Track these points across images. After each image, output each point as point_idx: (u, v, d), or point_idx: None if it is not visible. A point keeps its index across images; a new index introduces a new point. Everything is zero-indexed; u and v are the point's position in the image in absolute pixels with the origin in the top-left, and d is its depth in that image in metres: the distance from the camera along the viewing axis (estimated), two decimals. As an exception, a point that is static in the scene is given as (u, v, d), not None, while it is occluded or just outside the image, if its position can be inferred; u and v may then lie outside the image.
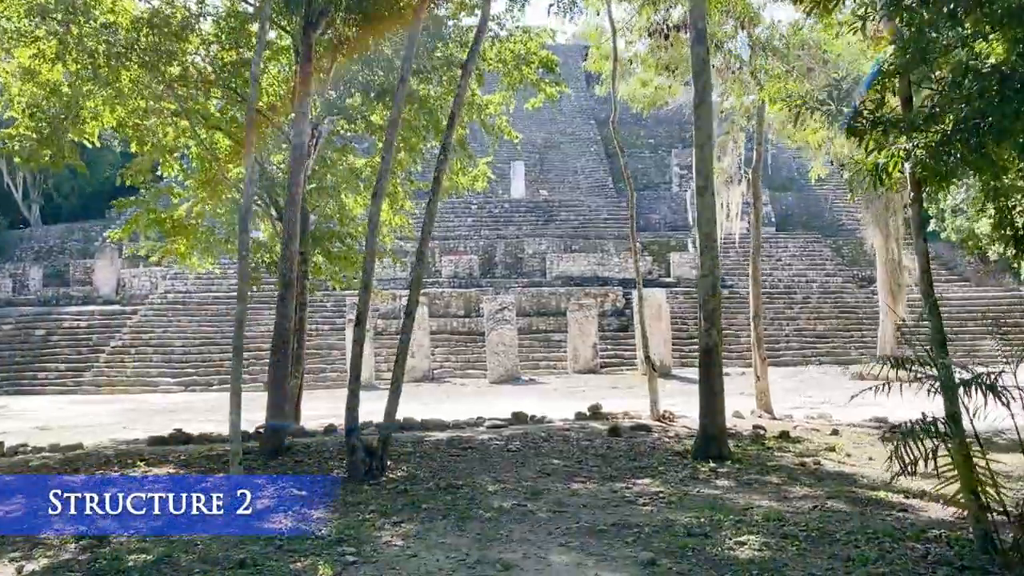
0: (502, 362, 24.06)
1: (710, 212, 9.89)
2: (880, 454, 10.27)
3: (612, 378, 23.71)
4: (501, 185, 43.24)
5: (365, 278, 9.70)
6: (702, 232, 9.90)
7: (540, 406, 16.68)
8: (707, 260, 9.74)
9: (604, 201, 40.74)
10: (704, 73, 10.03)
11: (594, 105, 52.45)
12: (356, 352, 9.18)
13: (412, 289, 9.52)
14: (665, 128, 49.70)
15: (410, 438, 10.97)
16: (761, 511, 6.96)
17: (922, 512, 7.04)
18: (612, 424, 11.49)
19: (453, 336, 28.54)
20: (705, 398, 9.55)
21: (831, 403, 18.37)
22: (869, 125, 5.34)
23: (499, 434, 11.13)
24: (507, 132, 15.76)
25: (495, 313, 24.51)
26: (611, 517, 6.85)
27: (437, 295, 29.77)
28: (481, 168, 16.17)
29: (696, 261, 32.23)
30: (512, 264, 34.98)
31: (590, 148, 47.00)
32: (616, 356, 27.01)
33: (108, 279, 35.47)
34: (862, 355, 27.06)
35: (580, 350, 25.14)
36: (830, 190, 45.01)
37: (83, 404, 22.64)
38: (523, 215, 39.31)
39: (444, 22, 14.34)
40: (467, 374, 25.96)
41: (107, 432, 15.14)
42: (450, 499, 7.63)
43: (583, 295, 28.68)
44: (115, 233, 14.68)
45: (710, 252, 9.77)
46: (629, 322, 28.72)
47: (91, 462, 10.23)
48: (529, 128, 49.02)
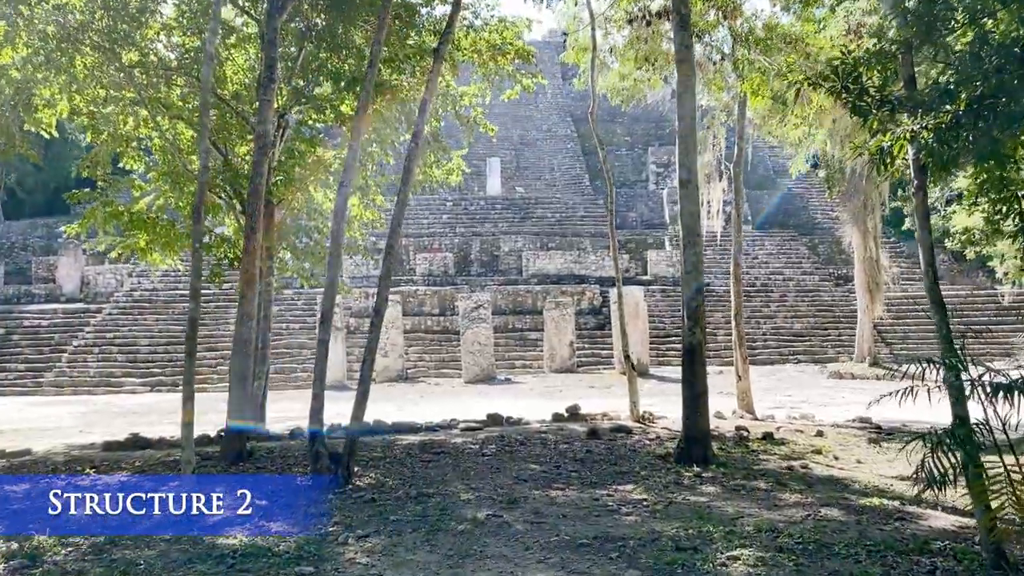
0: (478, 361, 23.56)
1: (693, 206, 9.49)
2: (869, 456, 9.96)
3: (590, 377, 23.32)
4: (477, 182, 42.76)
5: (331, 274, 9.18)
6: (685, 226, 9.49)
7: (516, 407, 16.21)
8: (690, 256, 9.34)
9: (581, 199, 40.38)
10: (687, 61, 9.63)
11: (571, 102, 52.12)
12: (321, 352, 8.66)
13: (381, 285, 9.00)
14: (642, 126, 49.51)
15: (380, 442, 10.43)
16: (752, 521, 6.54)
17: (922, 521, 6.67)
18: (591, 426, 11.05)
19: (428, 335, 28.01)
20: (688, 399, 9.14)
21: (810, 402, 18.13)
22: (875, 104, 4.93)
23: (474, 437, 10.63)
24: (483, 125, 15.27)
25: (470, 311, 24.01)
26: (593, 529, 6.40)
27: (411, 293, 29.20)
28: (456, 161, 15.68)
29: (673, 259, 32.21)
30: (488, 262, 34.49)
31: (567, 145, 46.62)
32: (593, 355, 26.64)
33: (72, 276, 34.46)
34: (839, 354, 26.95)
35: (557, 349, 24.72)
36: (806, 188, 45.10)
37: (43, 406, 21.80)
38: (499, 212, 38.82)
39: (417, 10, 13.81)
40: (442, 373, 25.44)
41: (63, 436, 14.44)
42: (421, 509, 7.12)
43: (560, 293, 28.28)
44: (71, 228, 13.96)
45: (693, 248, 9.37)
46: (606, 320, 28.35)
47: (38, 469, 9.59)
48: (505, 125, 48.53)
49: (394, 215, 9.13)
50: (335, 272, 9.13)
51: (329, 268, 9.21)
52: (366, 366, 8.62)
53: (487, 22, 14.58)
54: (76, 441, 12.99)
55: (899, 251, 36.40)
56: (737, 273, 13.58)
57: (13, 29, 11.59)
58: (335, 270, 9.12)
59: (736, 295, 13.56)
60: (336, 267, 9.20)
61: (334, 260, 9.11)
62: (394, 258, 9.20)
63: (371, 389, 21.65)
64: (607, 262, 32.32)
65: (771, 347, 27.59)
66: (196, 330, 7.45)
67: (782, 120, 15.99)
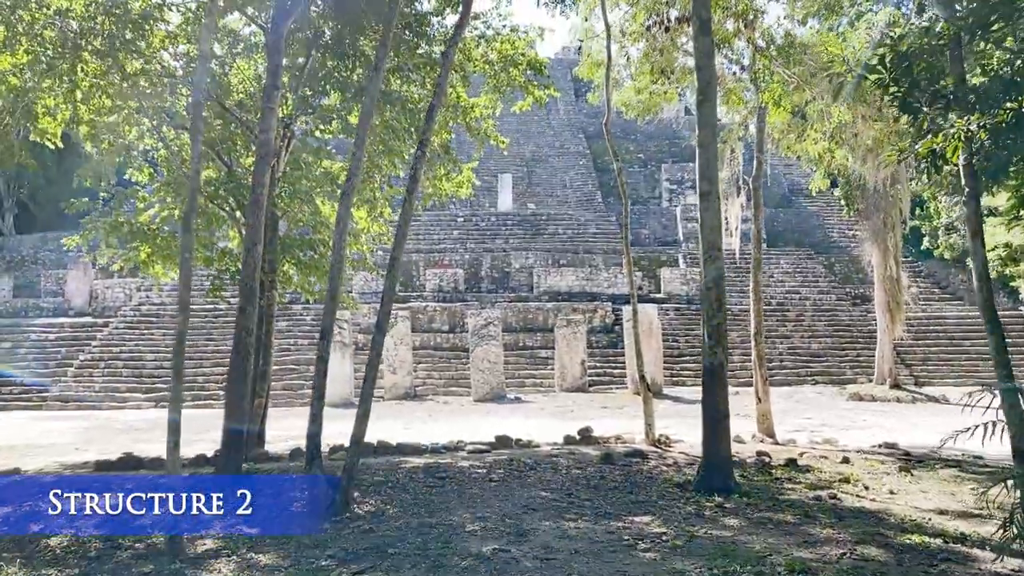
0: (487, 379, 23.05)
1: (715, 219, 8.99)
2: (901, 486, 9.35)
3: (602, 397, 22.75)
4: (488, 198, 42.43)
5: (331, 286, 8.73)
6: (705, 240, 8.98)
7: (526, 427, 15.68)
8: (712, 271, 8.83)
9: (593, 215, 39.92)
10: (708, 67, 9.17)
11: (583, 119, 51.84)
12: (320, 370, 8.19)
13: (384, 300, 8.54)
14: (655, 143, 49.13)
15: (383, 464, 9.94)
16: (783, 560, 5.98)
17: (971, 563, 6.08)
18: (604, 450, 10.52)
19: (436, 352, 27.52)
20: (709, 423, 8.60)
21: (831, 425, 17.49)
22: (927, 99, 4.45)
23: (481, 460, 10.12)
24: (493, 137, 14.85)
25: (480, 328, 23.52)
26: (608, 567, 5.87)
27: (420, 309, 28.76)
28: (466, 174, 15.27)
29: (688, 277, 31.61)
30: (498, 278, 34.04)
31: (579, 162, 46.26)
32: (605, 374, 26.06)
33: (80, 290, 34.26)
34: (857, 375, 26.26)
35: (568, 367, 24.18)
36: (822, 207, 44.50)
37: (46, 421, 21.43)
38: (510, 228, 38.41)
39: (428, 20, 13.46)
40: (451, 391, 24.93)
41: (59, 452, 14.02)
42: (422, 541, 6.61)
43: (571, 311, 27.75)
44: (71, 240, 13.64)
45: (715, 263, 8.86)
46: (618, 339, 27.80)
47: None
48: (517, 141, 48.28)
49: (399, 226, 8.69)
50: (336, 284, 8.69)
51: (330, 280, 8.77)
52: (367, 385, 8.15)
53: (499, 32, 14.22)
54: (70, 459, 12.57)
55: (918, 270, 35.72)
56: (757, 291, 13.06)
57: (13, 35, 11.30)
58: (336, 282, 8.68)
59: (756, 313, 13.03)
60: (337, 279, 8.76)
61: (335, 272, 8.67)
62: (397, 271, 8.76)
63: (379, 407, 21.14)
64: (620, 279, 31.80)
65: (788, 368, 26.93)
66: (183, 345, 6.99)
67: (800, 136, 15.53)
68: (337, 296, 8.90)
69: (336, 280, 8.82)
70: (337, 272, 8.81)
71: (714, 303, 8.67)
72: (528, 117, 51.75)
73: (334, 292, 8.78)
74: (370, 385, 8.19)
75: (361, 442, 8.09)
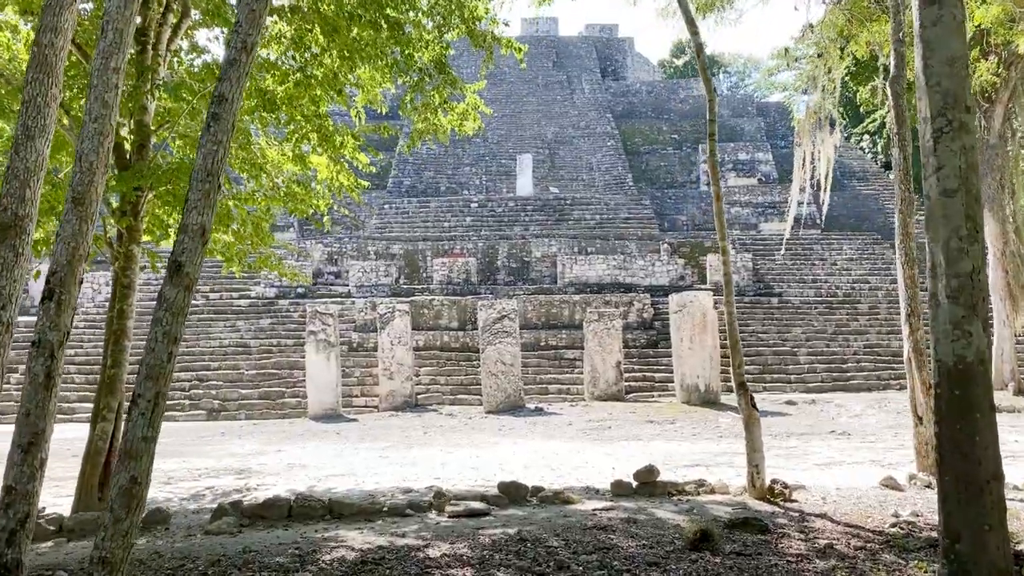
0: (501, 386, 18.69)
1: (969, 138, 4.43)
2: None
3: (643, 408, 18.27)
4: (506, 182, 38.12)
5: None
6: (948, 187, 4.46)
7: (550, 452, 11.31)
8: (956, 208, 4.28)
9: (624, 199, 35.42)
10: None
11: (610, 98, 47.41)
12: (30, 397, 4.05)
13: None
14: (690, 122, 44.60)
15: (289, 548, 5.38)
16: None
17: None
18: (689, 515, 5.93)
19: (444, 353, 23.18)
20: (958, 485, 4.00)
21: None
22: None
23: (470, 540, 5.40)
24: (505, 45, 10.50)
25: (493, 323, 19.16)
26: None
27: (425, 303, 24.46)
28: (471, 99, 10.87)
29: (738, 263, 26.57)
30: (517, 269, 29.69)
31: (607, 143, 41.78)
32: (645, 379, 21.58)
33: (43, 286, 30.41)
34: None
35: (600, 371, 19.74)
36: (878, 190, 39.71)
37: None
38: (530, 214, 34.04)
39: None
40: (459, 400, 20.60)
41: None
42: None
43: (602, 303, 23.33)
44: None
45: (965, 197, 4.31)
46: (659, 336, 23.33)
47: None
48: (538, 122, 43.94)
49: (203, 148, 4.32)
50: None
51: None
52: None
53: None
54: None
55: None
56: (911, 256, 8.50)
57: None
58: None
59: (909, 279, 8.47)
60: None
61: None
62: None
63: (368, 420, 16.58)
64: (658, 267, 27.31)
65: (866, 368, 22.28)
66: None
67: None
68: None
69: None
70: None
71: (963, 258, 4.08)
72: (550, 97, 47.39)
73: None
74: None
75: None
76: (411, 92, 10.52)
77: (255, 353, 23.57)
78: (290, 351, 23.51)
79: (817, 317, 24.95)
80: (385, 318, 20.42)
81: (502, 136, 42.36)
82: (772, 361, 22.66)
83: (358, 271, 27.76)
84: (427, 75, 10.38)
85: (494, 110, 42.33)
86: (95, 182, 4.31)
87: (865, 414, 16.88)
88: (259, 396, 21.51)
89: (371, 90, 10.63)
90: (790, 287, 27.64)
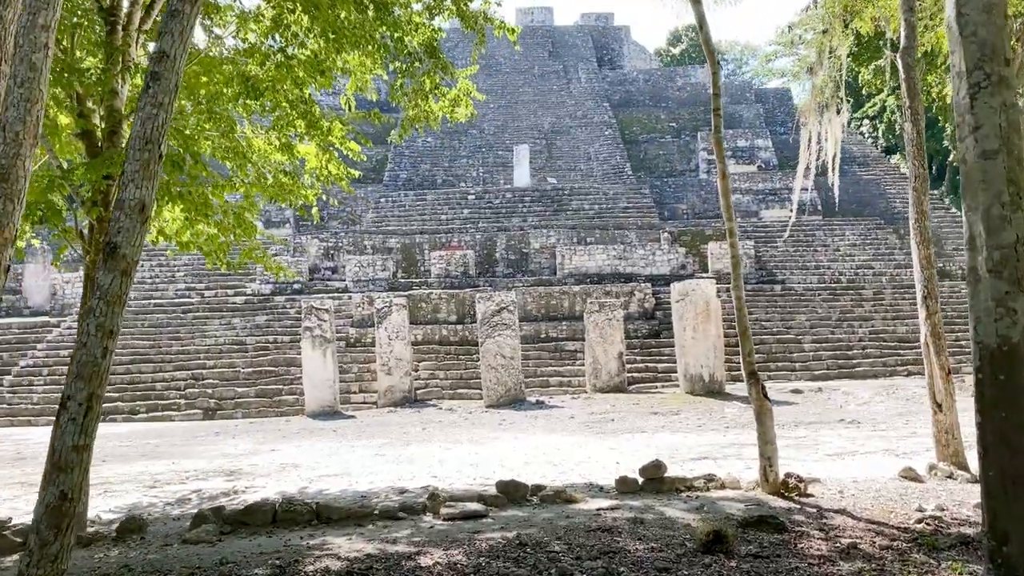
0: (501, 379, 18.32)
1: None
2: None
3: (646, 399, 17.91)
4: (503, 174, 37.69)
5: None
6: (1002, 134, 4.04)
7: (552, 447, 10.94)
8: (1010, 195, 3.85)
9: (623, 188, 34.98)
10: None
11: (607, 87, 46.93)
12: None
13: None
14: (688, 110, 44.14)
15: (270, 558, 4.97)
16: None
17: None
18: (700, 512, 5.58)
19: (442, 347, 22.80)
20: (1002, 480, 3.55)
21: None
22: None
23: (466, 544, 5.10)
24: (498, 27, 10.09)
25: (491, 316, 18.78)
26: None
27: (423, 297, 24.07)
28: (463, 84, 10.47)
29: (740, 251, 25.85)
30: (515, 260, 29.30)
31: (604, 132, 41.31)
32: (647, 369, 21.21)
33: (40, 287, 30.13)
34: (960, 363, 21.20)
35: (602, 362, 19.36)
36: (878, 176, 39.29)
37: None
38: (528, 205, 33.62)
39: None
40: (459, 394, 20.24)
41: None
42: None
43: (603, 294, 22.95)
44: None
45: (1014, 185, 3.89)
46: (661, 326, 22.94)
47: None
48: (535, 112, 43.47)
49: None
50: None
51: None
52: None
53: None
54: None
55: None
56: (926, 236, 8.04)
57: None
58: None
59: (925, 259, 8.01)
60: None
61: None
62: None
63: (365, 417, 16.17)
64: (659, 256, 26.92)
65: (872, 355, 21.90)
66: None
67: None
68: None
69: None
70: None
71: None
72: (546, 87, 46.90)
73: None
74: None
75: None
76: (401, 77, 10.11)
77: (251, 351, 23.19)
78: (287, 348, 23.14)
79: (821, 304, 24.56)
80: (382, 312, 20.03)
81: (499, 127, 41.90)
82: (776, 349, 22.28)
83: (355, 266, 27.37)
84: (417, 60, 9.99)
85: (490, 101, 41.79)
86: (21, 155, 3.87)
87: (873, 401, 16.51)
88: (256, 394, 21.14)
89: (361, 76, 10.22)
90: (793, 274, 27.25)
